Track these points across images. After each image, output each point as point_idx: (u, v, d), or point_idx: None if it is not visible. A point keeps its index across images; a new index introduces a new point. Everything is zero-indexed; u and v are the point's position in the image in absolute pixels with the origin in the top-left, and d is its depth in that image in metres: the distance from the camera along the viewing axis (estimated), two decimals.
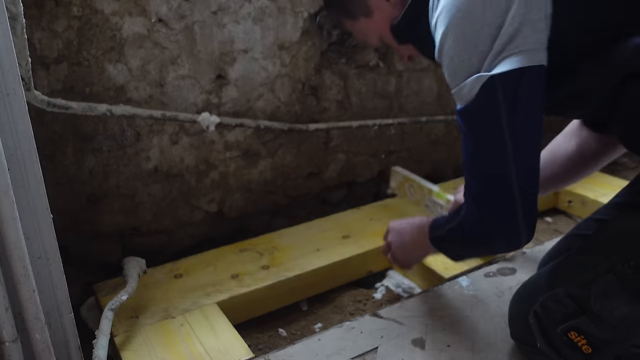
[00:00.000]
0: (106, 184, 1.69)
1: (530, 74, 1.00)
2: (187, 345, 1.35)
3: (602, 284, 1.08)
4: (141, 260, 1.56)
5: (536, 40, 1.00)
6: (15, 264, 1.01)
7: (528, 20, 0.99)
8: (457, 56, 1.03)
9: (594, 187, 2.12)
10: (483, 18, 0.99)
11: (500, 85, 1.00)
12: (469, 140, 1.09)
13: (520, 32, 0.98)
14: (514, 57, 0.99)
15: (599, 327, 1.10)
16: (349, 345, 1.37)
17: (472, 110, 1.05)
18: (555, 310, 1.16)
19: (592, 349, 1.12)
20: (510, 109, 1.01)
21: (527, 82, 1.00)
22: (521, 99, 1.01)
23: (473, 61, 1.01)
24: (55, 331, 1.16)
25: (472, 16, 1.00)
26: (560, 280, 1.18)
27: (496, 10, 0.98)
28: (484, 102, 1.02)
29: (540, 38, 1.00)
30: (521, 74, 0.99)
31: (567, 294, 1.14)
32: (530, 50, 0.99)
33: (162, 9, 1.59)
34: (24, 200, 1.04)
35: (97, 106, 1.52)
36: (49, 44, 1.48)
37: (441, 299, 1.53)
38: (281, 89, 1.88)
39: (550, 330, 1.17)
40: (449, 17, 1.02)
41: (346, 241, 1.79)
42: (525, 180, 1.06)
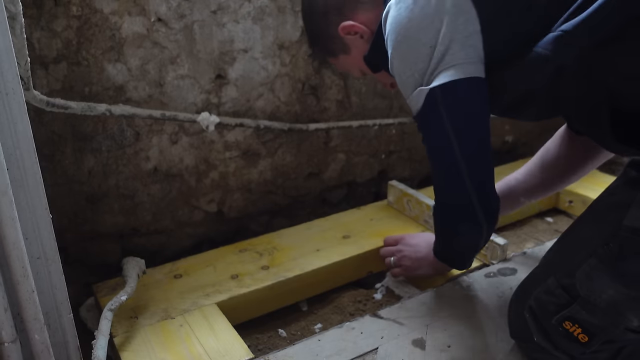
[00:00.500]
0: (105, 184, 1.69)
1: (463, 85, 1.15)
2: (186, 345, 1.35)
3: (586, 269, 1.13)
4: (140, 260, 1.56)
5: (465, 55, 1.15)
6: (14, 264, 1.01)
7: (456, 38, 1.14)
8: (403, 73, 1.21)
9: (595, 187, 2.11)
10: (419, 40, 1.16)
11: (439, 95, 1.16)
12: (425, 141, 1.28)
13: (450, 49, 1.14)
14: (447, 71, 1.15)
15: (590, 312, 1.13)
16: (349, 345, 1.37)
17: (422, 117, 1.23)
18: (548, 302, 1.20)
19: (588, 337, 1.15)
20: (451, 114, 1.18)
21: (462, 92, 1.17)
22: (459, 105, 1.18)
23: (416, 77, 1.18)
24: (55, 332, 1.16)
25: (410, 39, 1.17)
26: (550, 272, 1.22)
27: (428, 32, 1.15)
28: (429, 110, 1.19)
29: (470, 53, 1.15)
30: (454, 84, 1.15)
31: (558, 284, 1.19)
32: (460, 64, 1.15)
33: (161, 9, 1.59)
34: (23, 200, 1.03)
35: (97, 106, 1.51)
36: (48, 43, 1.48)
37: (441, 300, 1.52)
38: (281, 88, 1.88)
39: (546, 323, 1.21)
40: (392, 42, 1.20)
41: (346, 241, 1.78)
42: (474, 169, 1.23)
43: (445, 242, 1.47)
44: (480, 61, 1.17)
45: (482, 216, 1.27)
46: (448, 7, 1.14)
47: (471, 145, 1.22)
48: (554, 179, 1.62)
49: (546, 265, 1.30)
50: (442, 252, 1.51)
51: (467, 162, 1.21)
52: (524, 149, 2.59)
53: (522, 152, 2.58)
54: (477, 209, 1.25)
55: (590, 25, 1.07)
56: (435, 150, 1.28)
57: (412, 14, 1.16)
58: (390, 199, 2.03)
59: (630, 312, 1.10)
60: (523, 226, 2.05)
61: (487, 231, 1.33)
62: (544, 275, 1.24)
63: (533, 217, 2.12)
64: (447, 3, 1.14)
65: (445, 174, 1.28)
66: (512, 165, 2.34)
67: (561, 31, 1.09)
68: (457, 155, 1.21)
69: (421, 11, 1.16)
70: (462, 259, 1.50)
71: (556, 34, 1.10)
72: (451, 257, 1.51)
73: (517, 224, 2.06)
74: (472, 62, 1.15)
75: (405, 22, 1.17)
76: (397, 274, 1.67)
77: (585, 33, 1.08)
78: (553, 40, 1.10)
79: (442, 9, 1.14)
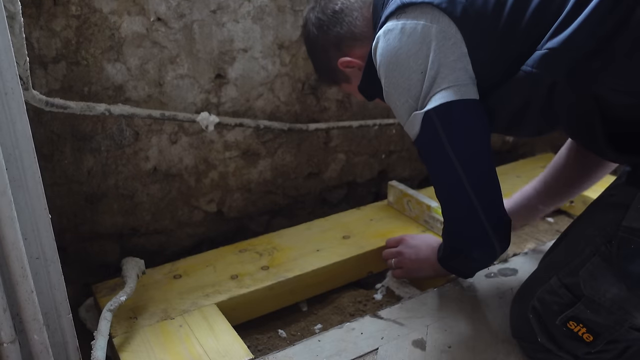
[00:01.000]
0: (105, 184, 1.68)
1: (458, 106, 1.17)
2: (186, 346, 1.34)
3: (589, 268, 1.14)
4: (140, 260, 1.55)
5: (456, 77, 1.17)
6: (13, 264, 1.01)
7: (444, 62, 1.17)
8: (398, 100, 1.23)
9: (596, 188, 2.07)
10: (409, 67, 1.19)
11: (435, 118, 1.18)
12: (428, 167, 1.30)
13: (440, 72, 1.17)
14: (440, 93, 1.17)
15: (595, 311, 1.14)
16: (349, 346, 1.36)
17: (421, 142, 1.24)
18: (552, 302, 1.20)
19: (593, 337, 1.16)
20: (449, 136, 1.19)
21: (458, 113, 1.18)
22: (456, 127, 1.19)
23: (410, 102, 1.21)
24: (54, 332, 1.16)
25: (401, 67, 1.20)
26: (553, 271, 1.23)
27: (418, 58, 1.18)
28: (426, 133, 1.21)
29: (460, 75, 1.17)
30: (449, 106, 1.17)
31: (561, 284, 1.19)
32: (452, 87, 1.17)
33: (161, 8, 1.59)
34: (22, 200, 1.03)
35: (96, 106, 1.51)
36: (47, 43, 1.47)
37: (442, 300, 1.52)
38: (281, 88, 1.88)
39: (550, 324, 1.21)
40: (384, 71, 1.24)
41: (346, 241, 1.78)
42: (483, 194, 1.23)
43: (456, 259, 1.44)
44: (472, 83, 1.19)
45: (496, 241, 1.27)
46: (434, 33, 1.17)
47: (476, 166, 1.23)
48: (568, 187, 1.65)
49: (548, 265, 1.30)
50: (450, 265, 1.48)
51: (474, 185, 1.21)
52: (524, 149, 2.58)
53: (522, 152, 2.57)
54: (490, 234, 1.25)
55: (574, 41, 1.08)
56: (439, 176, 1.28)
57: (401, 43, 1.19)
58: (390, 199, 2.02)
59: (636, 309, 1.11)
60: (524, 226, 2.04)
61: (500, 252, 1.32)
62: (547, 275, 1.25)
63: None
64: (432, 29, 1.17)
65: (452, 199, 1.28)
66: (513, 166, 2.34)
67: (547, 49, 1.11)
68: (463, 179, 1.21)
69: (409, 39, 1.19)
70: (469, 273, 1.50)
71: (543, 52, 1.12)
72: (458, 270, 1.50)
73: None
74: (464, 84, 1.18)
75: (395, 51, 1.20)
76: (399, 275, 1.67)
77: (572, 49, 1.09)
78: (540, 58, 1.12)
79: (428, 35, 1.17)
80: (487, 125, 1.23)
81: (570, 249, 1.25)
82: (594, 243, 1.16)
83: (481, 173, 1.24)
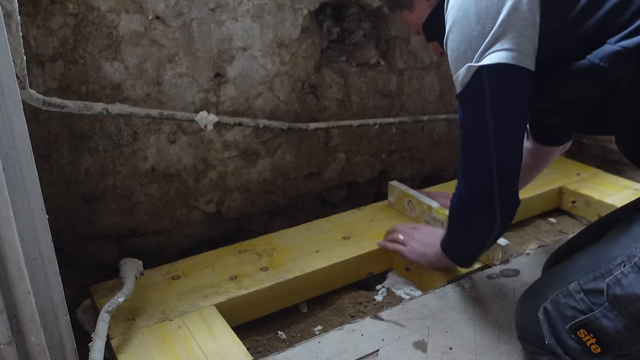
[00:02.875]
0: (103, 184, 1.67)
1: (511, 71, 1.17)
2: (184, 348, 1.33)
3: (619, 276, 1.09)
4: (138, 261, 1.54)
5: (519, 43, 1.16)
6: (10, 265, 1.00)
7: (513, 25, 1.15)
8: (457, 48, 1.22)
9: (598, 188, 2.11)
10: (479, 18, 1.17)
11: (486, 75, 1.18)
12: (462, 120, 1.28)
13: (506, 34, 1.15)
14: (499, 53, 1.16)
15: (611, 323, 1.09)
16: (349, 348, 1.35)
17: (465, 94, 1.23)
18: (566, 306, 1.17)
19: (601, 349, 1.12)
20: (494, 95, 1.19)
21: (509, 78, 1.18)
22: (503, 89, 1.19)
23: (468, 54, 1.19)
24: (51, 333, 1.15)
25: (470, 17, 1.18)
26: (575, 276, 1.19)
27: (489, 13, 1.16)
28: (473, 87, 1.20)
29: (524, 42, 1.16)
30: (503, 68, 1.16)
31: (580, 289, 1.15)
32: (512, 51, 1.16)
33: (159, 6, 1.58)
34: (19, 200, 1.02)
35: (94, 105, 1.50)
36: (45, 41, 1.46)
37: (443, 301, 1.51)
38: (280, 87, 1.87)
39: (560, 327, 1.18)
40: (453, 16, 1.22)
41: (346, 242, 1.77)
42: (504, 162, 1.25)
43: (456, 234, 1.47)
44: (532, 53, 1.18)
45: (499, 211, 1.29)
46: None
47: (506, 132, 1.24)
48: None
49: (569, 269, 1.25)
50: (450, 245, 1.50)
51: (498, 148, 1.23)
52: None
53: None
54: (497, 201, 1.27)
55: None
56: (470, 134, 1.28)
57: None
58: (390, 200, 2.01)
59: None
60: (526, 227, 2.04)
61: (499, 229, 1.33)
62: (566, 279, 1.21)
63: (535, 217, 2.11)
64: None
65: (471, 160, 1.30)
66: None
67: (621, 47, 1.10)
68: (490, 139, 1.22)
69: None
70: (467, 255, 1.51)
71: (615, 49, 1.10)
72: (457, 252, 1.51)
73: (520, 224, 2.05)
74: (524, 52, 1.17)
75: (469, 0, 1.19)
76: (400, 250, 1.67)
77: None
78: (612, 54, 1.11)
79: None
80: (531, 100, 1.23)
81: (599, 255, 1.20)
82: (628, 253, 1.11)
83: (511, 144, 1.26)
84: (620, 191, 2.08)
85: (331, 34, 1.95)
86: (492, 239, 1.39)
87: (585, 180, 2.19)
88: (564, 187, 2.15)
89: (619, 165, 2.33)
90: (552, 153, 1.66)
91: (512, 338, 1.36)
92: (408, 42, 2.07)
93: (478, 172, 1.29)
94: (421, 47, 2.11)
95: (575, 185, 2.15)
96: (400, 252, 1.67)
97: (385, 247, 1.71)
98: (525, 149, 1.53)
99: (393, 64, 2.08)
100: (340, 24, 1.97)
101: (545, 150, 1.64)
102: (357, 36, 2.00)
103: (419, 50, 2.11)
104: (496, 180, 1.25)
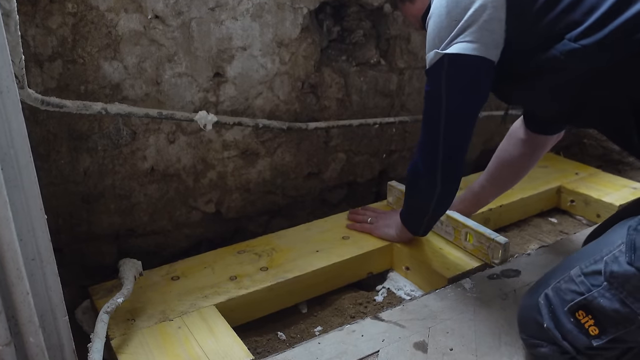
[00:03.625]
0: (101, 184, 1.67)
1: (469, 59, 1.31)
2: (185, 348, 1.33)
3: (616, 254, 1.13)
4: (137, 262, 1.54)
5: (479, 36, 1.30)
6: (8, 265, 0.99)
7: (478, 20, 1.29)
8: (430, 34, 1.38)
9: (598, 187, 2.11)
10: (449, 13, 1.33)
11: (447, 61, 1.34)
12: (425, 93, 1.44)
13: (470, 28, 1.30)
14: (462, 44, 1.31)
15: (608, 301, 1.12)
16: (349, 349, 1.35)
17: (429, 72, 1.40)
18: (566, 291, 1.20)
19: (598, 330, 1.14)
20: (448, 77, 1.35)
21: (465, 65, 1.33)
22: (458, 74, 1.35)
23: (436, 41, 1.36)
24: (50, 334, 1.14)
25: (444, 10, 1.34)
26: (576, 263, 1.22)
27: (459, 9, 1.31)
28: (434, 70, 1.37)
29: (484, 36, 1.30)
30: (460, 57, 1.32)
31: (581, 273, 1.18)
32: (474, 42, 1.30)
33: (158, 5, 1.57)
34: (17, 200, 1.01)
35: (92, 105, 1.49)
36: (43, 41, 1.46)
37: (444, 302, 1.50)
38: (280, 87, 1.86)
39: (559, 310, 1.20)
40: (434, 7, 1.38)
41: (346, 242, 1.77)
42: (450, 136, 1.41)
43: (407, 199, 1.65)
44: (494, 46, 1.31)
45: (440, 177, 1.46)
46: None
47: (455, 111, 1.39)
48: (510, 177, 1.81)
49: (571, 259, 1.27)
50: (404, 213, 1.70)
51: (446, 124, 1.39)
52: None
53: None
54: (438, 168, 1.45)
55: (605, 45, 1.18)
56: (427, 104, 1.44)
57: None
58: (390, 200, 2.01)
59: None
60: (527, 227, 2.04)
61: (440, 195, 1.49)
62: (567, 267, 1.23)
63: (535, 217, 2.11)
64: None
65: (426, 130, 1.46)
66: None
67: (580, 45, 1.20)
68: (442, 115, 1.39)
69: None
70: (416, 221, 1.67)
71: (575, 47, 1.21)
72: (410, 218, 1.69)
73: (520, 224, 2.05)
74: (485, 44, 1.31)
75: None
76: (368, 229, 1.82)
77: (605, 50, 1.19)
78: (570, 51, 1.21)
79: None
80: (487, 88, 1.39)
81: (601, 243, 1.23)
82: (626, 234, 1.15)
83: (458, 122, 1.42)
84: (619, 190, 2.09)
85: (331, 33, 1.95)
86: (434, 204, 1.53)
87: (583, 180, 2.19)
88: (563, 186, 2.15)
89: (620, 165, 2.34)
90: (546, 142, 1.73)
91: (514, 339, 1.35)
92: (408, 41, 2.07)
93: (428, 141, 1.45)
94: (422, 46, 2.10)
95: (573, 184, 2.15)
96: (368, 230, 1.82)
97: (354, 228, 1.85)
98: (520, 139, 1.73)
99: (393, 63, 2.08)
100: (341, 23, 1.96)
101: (539, 140, 1.72)
102: (357, 35, 1.99)
103: (419, 49, 2.10)
104: (441, 150, 1.42)
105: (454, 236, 1.75)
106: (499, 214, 2.01)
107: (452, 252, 1.72)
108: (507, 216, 2.04)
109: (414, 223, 1.68)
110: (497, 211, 2.00)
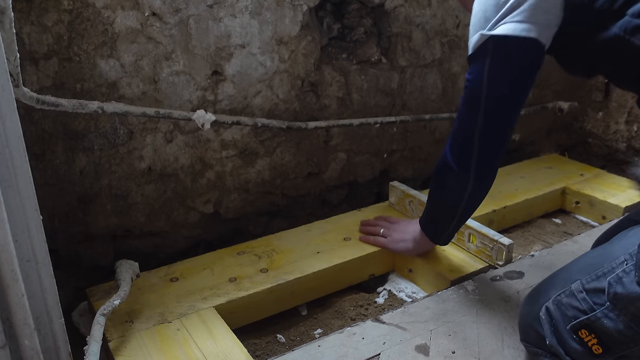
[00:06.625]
0: (98, 184, 1.65)
1: (517, 42, 1.22)
2: (184, 350, 1.32)
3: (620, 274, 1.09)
4: (134, 263, 1.53)
5: (531, 15, 1.21)
6: (3, 267, 0.98)
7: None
8: (475, 15, 1.28)
9: (602, 188, 2.10)
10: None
11: (492, 44, 1.24)
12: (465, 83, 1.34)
13: (523, 4, 1.21)
14: (511, 24, 1.22)
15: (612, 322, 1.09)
16: (350, 351, 1.34)
17: (471, 58, 1.30)
18: (568, 306, 1.17)
19: (602, 350, 1.12)
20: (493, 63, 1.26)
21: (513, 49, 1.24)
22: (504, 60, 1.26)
23: (482, 22, 1.26)
24: (45, 337, 1.13)
25: None
26: (577, 275, 1.19)
27: None
28: (478, 54, 1.28)
29: (537, 15, 1.21)
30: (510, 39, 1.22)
31: (583, 289, 1.15)
32: (524, 22, 1.21)
33: (155, 3, 1.55)
34: (12, 201, 1.00)
35: (89, 103, 1.48)
36: (39, 38, 1.44)
37: (446, 304, 1.49)
38: (280, 85, 1.85)
39: (561, 327, 1.17)
40: None
41: (347, 243, 1.75)
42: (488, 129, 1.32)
43: (431, 200, 1.53)
44: (547, 26, 1.23)
45: (473, 175, 1.36)
46: None
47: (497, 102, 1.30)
48: None
49: (572, 269, 1.25)
50: (425, 217, 1.58)
51: (485, 115, 1.30)
52: (531, 147, 2.57)
53: (529, 152, 2.56)
54: (473, 165, 1.35)
55: None
56: (467, 93, 1.33)
57: None
58: (391, 200, 2.00)
59: None
60: (530, 228, 2.03)
61: (471, 195, 1.39)
62: (569, 278, 1.21)
63: (539, 218, 2.10)
64: None
65: (461, 120, 1.37)
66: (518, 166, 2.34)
67: None
68: (481, 105, 1.29)
69: None
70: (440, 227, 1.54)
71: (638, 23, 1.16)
72: (431, 223, 1.56)
73: (524, 225, 2.04)
74: (537, 23, 1.22)
75: None
76: (382, 243, 1.71)
77: None
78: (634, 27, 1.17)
79: None
80: (534, 76, 1.29)
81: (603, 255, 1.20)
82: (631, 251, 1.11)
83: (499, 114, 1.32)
84: (625, 191, 2.08)
85: (331, 30, 1.93)
86: (464, 205, 1.43)
87: (588, 181, 2.18)
88: (568, 187, 2.14)
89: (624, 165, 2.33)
90: None
91: (517, 342, 1.34)
92: (410, 39, 2.06)
93: (463, 134, 1.36)
94: (423, 44, 2.09)
95: (578, 185, 2.14)
96: (382, 244, 1.71)
97: (367, 241, 1.75)
98: None
99: (395, 61, 2.06)
100: (341, 20, 1.95)
101: None
102: (358, 33, 1.98)
103: (421, 47, 2.09)
104: (477, 145, 1.32)
105: (457, 237, 1.73)
106: (502, 215, 1.99)
107: (455, 254, 1.70)
108: (511, 217, 2.02)
109: (437, 230, 1.56)
110: (501, 212, 1.98)
